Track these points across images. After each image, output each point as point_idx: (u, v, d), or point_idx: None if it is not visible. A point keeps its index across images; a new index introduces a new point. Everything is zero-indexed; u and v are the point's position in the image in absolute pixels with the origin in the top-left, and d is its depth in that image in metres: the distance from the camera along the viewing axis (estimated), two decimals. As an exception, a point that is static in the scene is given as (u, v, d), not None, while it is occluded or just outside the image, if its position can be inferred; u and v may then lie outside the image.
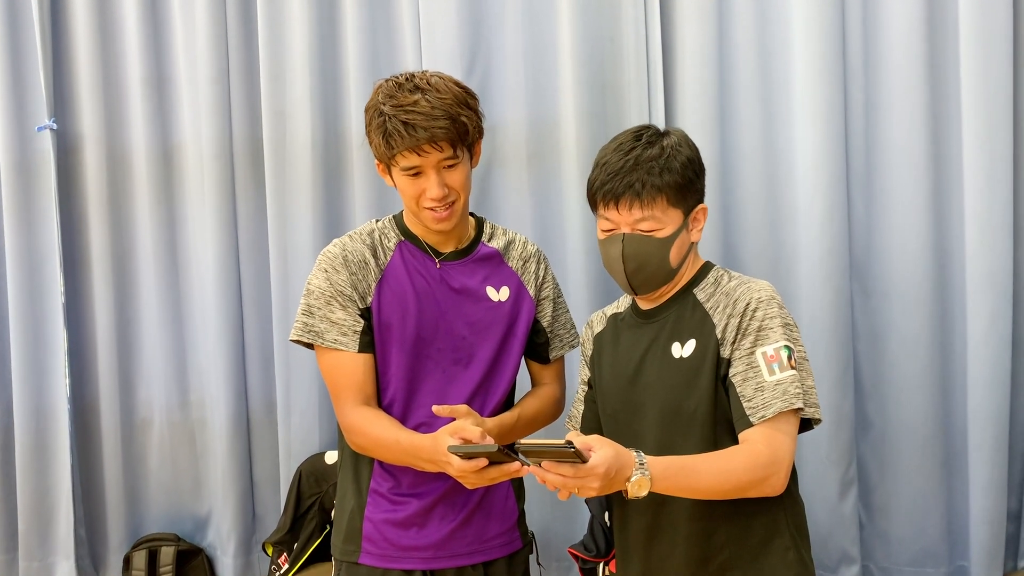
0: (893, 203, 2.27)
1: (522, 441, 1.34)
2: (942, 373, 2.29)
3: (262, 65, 2.51)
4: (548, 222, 2.43)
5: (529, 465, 1.39)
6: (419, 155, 1.59)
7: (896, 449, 2.32)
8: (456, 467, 1.45)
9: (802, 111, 2.27)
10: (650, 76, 2.34)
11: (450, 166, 1.62)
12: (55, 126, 2.60)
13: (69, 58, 2.62)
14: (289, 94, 2.50)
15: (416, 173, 1.62)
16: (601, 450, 1.36)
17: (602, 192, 1.55)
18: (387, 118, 1.59)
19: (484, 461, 1.42)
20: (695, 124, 2.30)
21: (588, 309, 2.32)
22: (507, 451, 1.40)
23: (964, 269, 2.22)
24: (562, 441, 1.33)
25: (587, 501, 2.27)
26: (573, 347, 1.85)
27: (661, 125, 2.29)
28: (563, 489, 1.36)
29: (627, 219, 1.54)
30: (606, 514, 2.23)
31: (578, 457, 1.33)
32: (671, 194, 1.54)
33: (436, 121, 1.57)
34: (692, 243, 1.61)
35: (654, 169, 1.52)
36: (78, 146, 2.64)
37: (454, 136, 1.59)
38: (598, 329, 1.73)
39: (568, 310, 1.87)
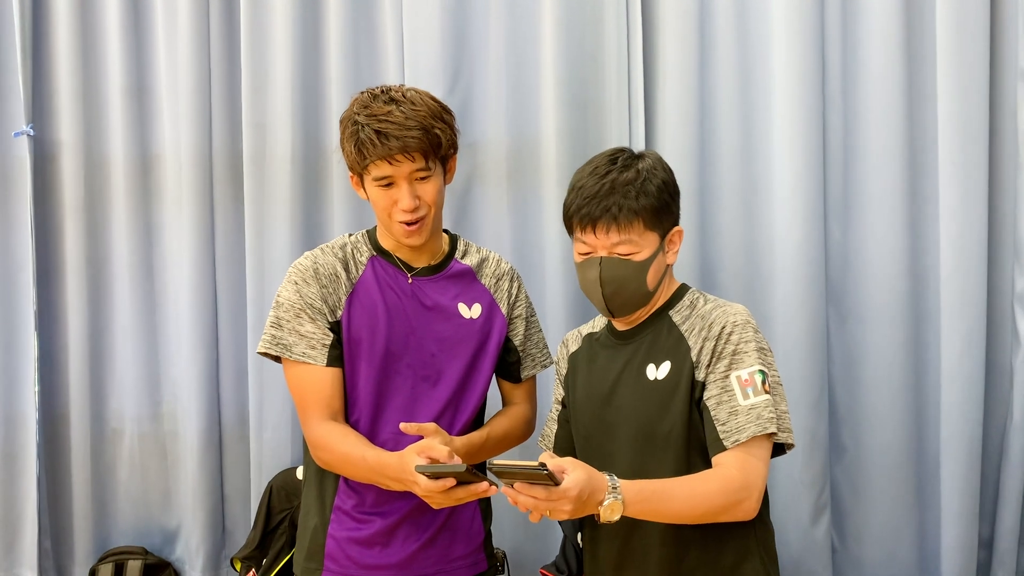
0: (870, 228, 2.28)
1: (494, 461, 1.33)
2: (916, 398, 2.30)
3: (244, 77, 2.50)
4: (527, 241, 2.43)
5: (499, 486, 1.37)
6: (391, 164, 1.59)
7: (869, 474, 2.31)
8: (423, 486, 1.43)
9: (781, 135, 2.28)
10: (631, 96, 2.35)
11: (422, 178, 1.62)
12: (32, 132, 2.58)
13: (49, 64, 2.60)
14: (270, 107, 2.49)
15: (388, 184, 1.62)
16: (574, 472, 1.35)
17: (579, 216, 1.55)
18: (360, 127, 1.59)
19: (452, 481, 1.41)
20: (675, 146, 2.31)
21: (565, 328, 2.31)
22: (475, 471, 1.39)
23: (939, 295, 2.23)
24: (535, 463, 1.32)
25: (560, 521, 2.26)
26: (545, 367, 1.84)
27: (641, 146, 2.33)
28: (534, 511, 1.35)
29: (604, 243, 1.54)
30: (579, 535, 2.22)
31: (551, 479, 1.32)
32: (647, 217, 1.54)
33: (409, 131, 1.57)
34: (668, 265, 1.62)
35: (630, 193, 1.52)
36: (55, 153, 2.62)
37: (427, 147, 1.59)
38: (573, 348, 1.73)
39: (541, 330, 1.86)
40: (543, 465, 1.31)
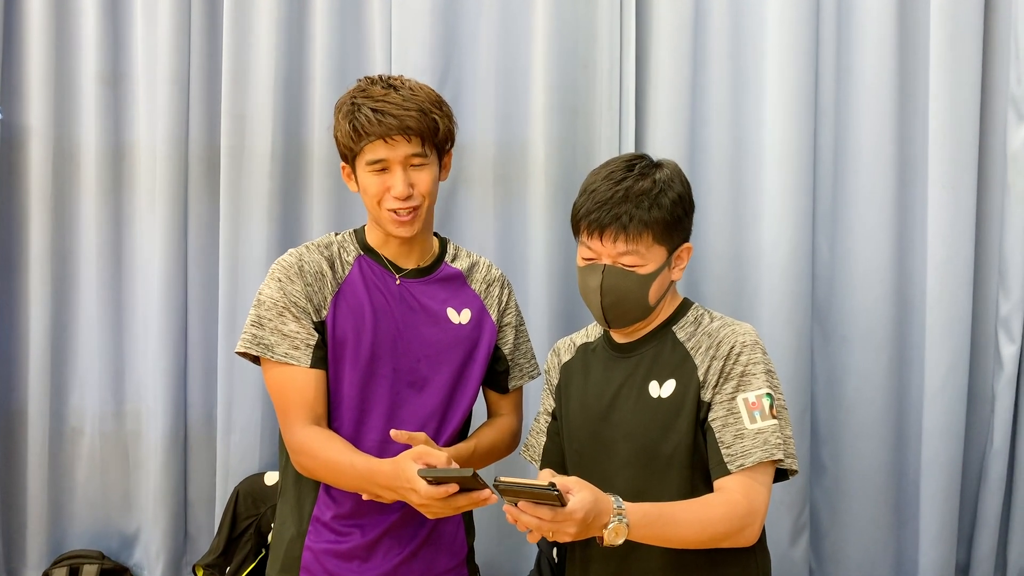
0: (858, 248, 2.27)
1: (501, 479, 1.28)
2: (898, 421, 2.29)
3: (224, 68, 2.42)
4: (511, 246, 2.38)
5: (499, 497, 1.33)
6: (387, 143, 1.55)
7: (849, 496, 2.30)
8: (423, 493, 1.37)
9: (772, 150, 2.26)
10: (622, 105, 2.32)
11: (418, 165, 1.58)
12: (0, 116, 2.48)
13: (20, 45, 2.50)
14: (251, 100, 2.42)
15: (382, 169, 1.57)
16: (580, 494, 1.30)
17: (587, 221, 1.50)
18: (357, 107, 1.56)
19: (454, 487, 1.35)
20: (664, 156, 2.27)
21: (549, 336, 2.27)
22: (480, 478, 1.34)
23: (924, 318, 2.22)
24: (544, 482, 1.28)
25: (535, 536, 2.21)
26: (533, 378, 1.79)
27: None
28: (536, 532, 1.30)
29: (610, 251, 1.50)
30: (554, 550, 2.17)
31: (559, 500, 1.27)
32: (658, 231, 1.49)
33: (408, 111, 1.54)
34: (672, 281, 1.57)
35: (643, 203, 1.48)
36: (23, 139, 2.52)
37: (424, 129, 1.55)
38: (566, 358, 1.67)
39: (529, 339, 1.82)
40: (552, 485, 1.26)
